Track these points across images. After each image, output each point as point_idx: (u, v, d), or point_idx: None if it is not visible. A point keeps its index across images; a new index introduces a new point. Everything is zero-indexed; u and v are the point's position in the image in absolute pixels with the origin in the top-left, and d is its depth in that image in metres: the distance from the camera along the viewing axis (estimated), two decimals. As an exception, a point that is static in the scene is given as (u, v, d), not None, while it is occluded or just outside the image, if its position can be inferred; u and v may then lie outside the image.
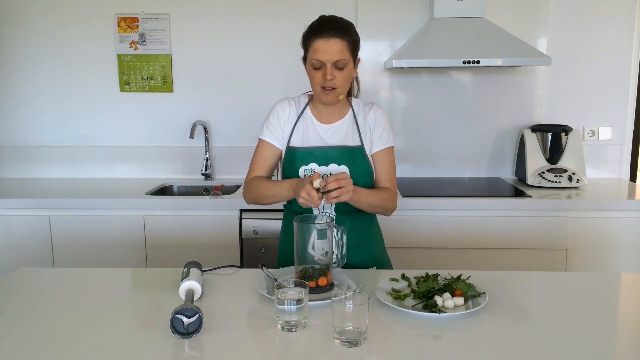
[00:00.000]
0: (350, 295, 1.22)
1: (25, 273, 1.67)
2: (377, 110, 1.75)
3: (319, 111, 1.74)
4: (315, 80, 1.63)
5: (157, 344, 1.20)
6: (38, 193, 2.81)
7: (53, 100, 3.14)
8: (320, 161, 1.69)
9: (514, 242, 2.55)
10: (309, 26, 1.65)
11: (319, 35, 1.59)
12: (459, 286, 1.41)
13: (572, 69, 3.01)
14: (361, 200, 1.62)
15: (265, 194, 1.68)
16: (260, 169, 1.75)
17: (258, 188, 1.70)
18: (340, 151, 1.69)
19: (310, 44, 1.62)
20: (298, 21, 3.00)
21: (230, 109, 3.12)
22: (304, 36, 1.65)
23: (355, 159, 1.70)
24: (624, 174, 3.09)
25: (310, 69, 1.63)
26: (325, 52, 1.59)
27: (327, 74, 1.60)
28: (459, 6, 2.73)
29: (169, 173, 3.18)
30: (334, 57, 1.59)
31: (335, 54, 1.59)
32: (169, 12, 3.05)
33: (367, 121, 1.73)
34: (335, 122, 1.73)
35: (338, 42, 1.59)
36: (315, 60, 1.60)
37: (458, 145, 3.09)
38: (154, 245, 2.61)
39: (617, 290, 1.61)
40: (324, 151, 1.69)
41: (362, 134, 1.72)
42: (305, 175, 1.69)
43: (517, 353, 1.16)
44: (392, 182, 1.75)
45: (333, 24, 1.61)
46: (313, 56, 1.61)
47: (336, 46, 1.59)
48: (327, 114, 1.73)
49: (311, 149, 1.70)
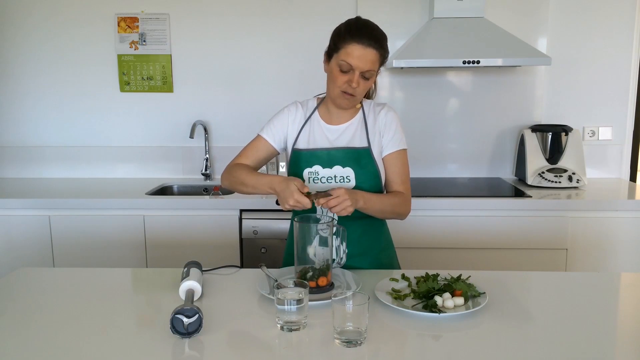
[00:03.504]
0: (350, 295, 1.22)
1: (25, 273, 1.67)
2: (388, 113, 1.71)
3: (329, 112, 1.71)
4: (338, 83, 1.59)
5: (157, 344, 1.20)
6: (38, 193, 2.81)
7: (53, 100, 3.14)
8: (325, 163, 1.67)
9: (514, 242, 2.55)
10: (347, 24, 1.60)
11: (357, 40, 1.54)
12: (459, 286, 1.41)
13: (572, 69, 3.01)
14: (369, 207, 1.59)
15: (244, 181, 1.64)
16: (248, 159, 1.73)
17: (239, 174, 1.66)
18: (345, 153, 1.67)
19: (344, 45, 1.56)
20: (298, 21, 3.04)
21: (230, 109, 3.12)
22: (338, 33, 1.59)
23: (360, 160, 1.66)
24: (624, 174, 3.09)
25: (336, 69, 1.58)
26: (359, 58, 1.54)
27: (354, 81, 1.56)
28: (459, 6, 2.73)
29: (169, 173, 3.18)
30: (365, 66, 1.55)
31: (367, 63, 1.55)
32: (169, 12, 3.05)
33: (377, 123, 1.69)
34: (344, 124, 1.70)
35: (373, 52, 1.55)
36: (346, 63, 1.55)
37: (458, 145, 3.09)
38: (154, 245, 2.61)
39: (617, 290, 1.61)
40: (329, 153, 1.67)
41: (370, 136, 1.68)
42: (310, 177, 1.67)
43: (517, 353, 1.16)
44: (405, 185, 1.70)
45: (373, 32, 1.57)
46: (345, 58, 1.55)
47: (371, 56, 1.55)
48: (337, 115, 1.71)
49: (315, 151, 1.68)
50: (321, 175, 1.67)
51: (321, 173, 1.67)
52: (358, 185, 1.65)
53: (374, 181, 1.68)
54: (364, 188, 1.64)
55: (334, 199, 1.47)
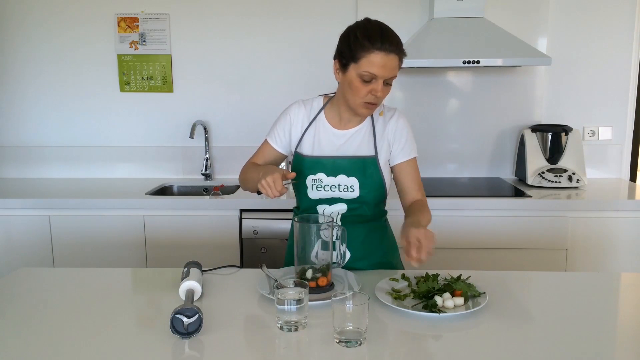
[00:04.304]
0: (350, 295, 1.22)
1: (25, 273, 1.67)
2: (399, 120, 1.65)
3: (338, 116, 1.65)
4: (360, 93, 1.51)
5: (157, 344, 1.20)
6: (38, 193, 2.81)
7: (53, 100, 3.14)
8: (329, 171, 1.63)
9: (514, 242, 2.55)
10: (363, 30, 1.50)
11: (378, 47, 1.46)
12: (459, 286, 1.41)
13: (572, 69, 3.01)
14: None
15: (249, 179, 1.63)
16: (260, 160, 1.73)
17: (248, 171, 1.67)
18: (351, 162, 1.62)
19: (365, 54, 1.47)
20: (298, 21, 3.04)
21: (230, 109, 3.12)
22: (356, 40, 1.49)
23: (366, 170, 1.62)
24: (624, 174, 3.09)
25: (357, 80, 1.50)
26: (384, 67, 1.47)
27: (379, 91, 1.50)
28: (459, 6, 2.73)
29: (169, 173, 3.18)
30: (389, 74, 1.49)
31: (391, 70, 1.49)
32: (169, 12, 3.05)
33: (386, 130, 1.64)
34: (352, 129, 1.65)
35: (396, 59, 1.49)
36: (369, 73, 1.47)
37: (458, 145, 3.09)
38: (154, 245, 2.61)
39: (617, 290, 1.61)
40: (334, 161, 1.63)
41: (377, 144, 1.64)
42: (313, 185, 1.64)
43: (517, 353, 1.16)
44: (421, 191, 1.67)
45: (394, 37, 1.50)
46: (367, 68, 1.47)
47: (393, 62, 1.49)
48: (346, 120, 1.65)
49: (320, 159, 1.64)
50: (325, 183, 1.63)
51: (325, 181, 1.63)
52: (361, 195, 1.63)
53: (378, 191, 1.65)
54: (367, 198, 1.63)
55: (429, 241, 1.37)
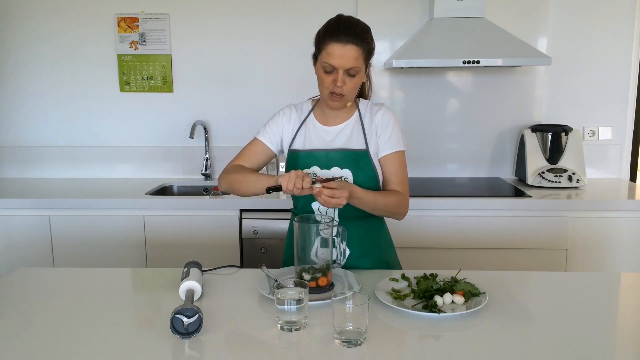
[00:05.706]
0: (350, 295, 1.22)
1: (25, 273, 1.67)
2: (385, 114, 1.68)
3: (324, 113, 1.70)
4: (325, 84, 1.58)
5: (157, 344, 1.20)
6: (38, 193, 2.81)
7: (53, 100, 3.14)
8: (323, 164, 1.66)
9: (514, 242, 2.55)
10: (326, 25, 1.57)
11: (335, 39, 1.52)
12: (459, 286, 1.41)
13: (572, 69, 3.01)
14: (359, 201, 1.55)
15: (248, 180, 1.62)
16: (246, 161, 1.72)
17: (241, 172, 1.65)
18: (343, 154, 1.65)
19: (324, 46, 1.54)
20: (298, 21, 3.04)
21: (230, 109, 3.12)
22: (318, 34, 1.58)
23: (359, 162, 1.65)
24: (624, 174, 3.09)
25: (321, 71, 1.58)
26: (340, 57, 1.52)
27: (338, 81, 1.54)
28: (459, 6, 2.73)
29: (169, 173, 3.18)
30: (347, 64, 1.53)
31: (349, 60, 1.52)
32: (169, 12, 3.05)
33: (373, 123, 1.67)
34: (339, 125, 1.69)
35: (354, 48, 1.52)
36: (328, 64, 1.54)
37: (458, 145, 3.09)
38: (154, 245, 2.61)
39: (617, 290, 1.61)
40: (327, 154, 1.66)
41: (367, 137, 1.66)
42: None
43: (517, 353, 1.16)
44: (401, 185, 1.67)
45: (351, 29, 1.53)
46: (326, 59, 1.54)
47: (351, 53, 1.52)
48: (332, 116, 1.69)
49: (313, 152, 1.67)
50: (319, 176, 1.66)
51: (319, 174, 1.66)
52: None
53: (372, 183, 1.66)
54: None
55: (331, 190, 1.46)
